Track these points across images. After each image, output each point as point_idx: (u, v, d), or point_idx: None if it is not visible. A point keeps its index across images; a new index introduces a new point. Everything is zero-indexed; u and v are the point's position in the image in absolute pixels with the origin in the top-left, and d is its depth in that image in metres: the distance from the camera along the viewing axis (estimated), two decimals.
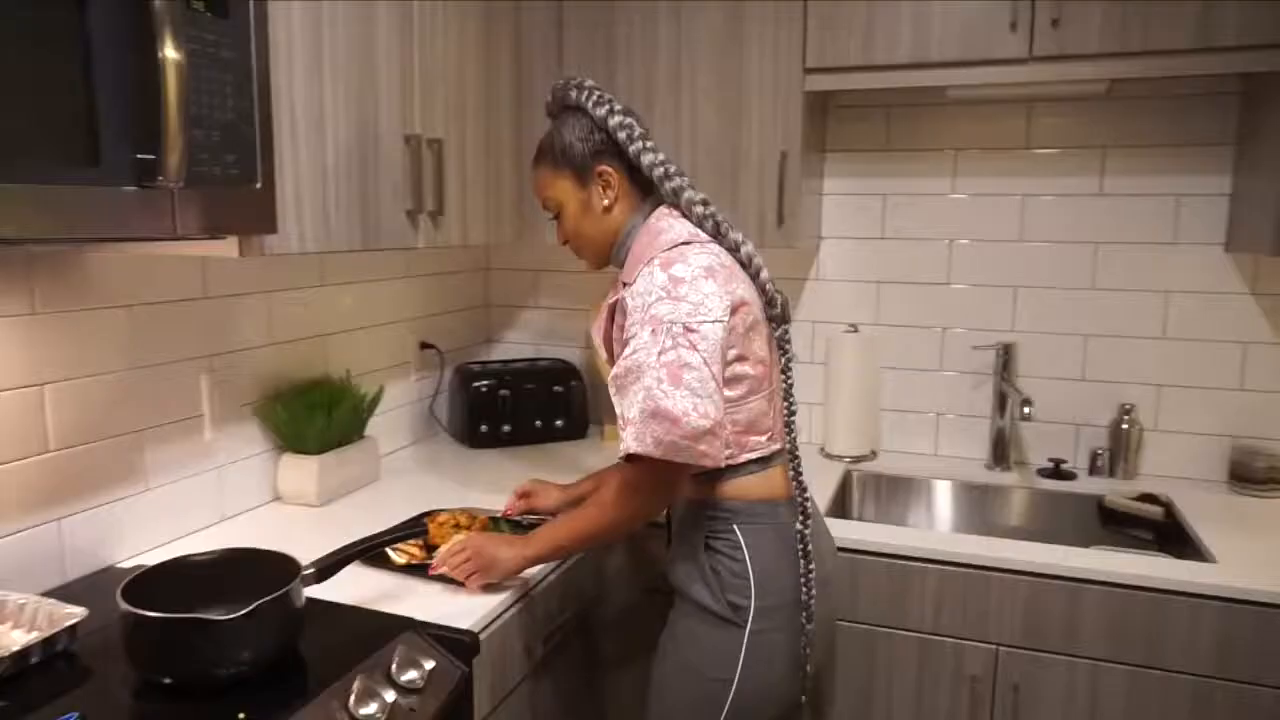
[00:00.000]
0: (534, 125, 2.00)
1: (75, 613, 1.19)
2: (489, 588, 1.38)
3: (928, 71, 1.85)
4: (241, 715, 1.02)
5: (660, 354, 1.20)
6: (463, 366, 2.36)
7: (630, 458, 1.24)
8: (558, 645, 1.59)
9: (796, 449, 1.35)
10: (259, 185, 1.19)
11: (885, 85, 1.88)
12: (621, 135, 1.35)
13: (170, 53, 1.00)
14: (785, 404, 1.37)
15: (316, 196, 1.41)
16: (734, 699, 1.28)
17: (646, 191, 1.41)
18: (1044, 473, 2.10)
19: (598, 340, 1.43)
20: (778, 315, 1.36)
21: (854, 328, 2.21)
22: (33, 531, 1.36)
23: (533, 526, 1.63)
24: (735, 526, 1.32)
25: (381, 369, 2.15)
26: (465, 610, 1.32)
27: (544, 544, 1.36)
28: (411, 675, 1.17)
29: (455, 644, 1.25)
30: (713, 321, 1.23)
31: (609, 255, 1.43)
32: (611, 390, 1.28)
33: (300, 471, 1.78)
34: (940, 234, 2.18)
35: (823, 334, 2.29)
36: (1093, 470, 2.09)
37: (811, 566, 1.32)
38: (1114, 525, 1.97)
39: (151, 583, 1.15)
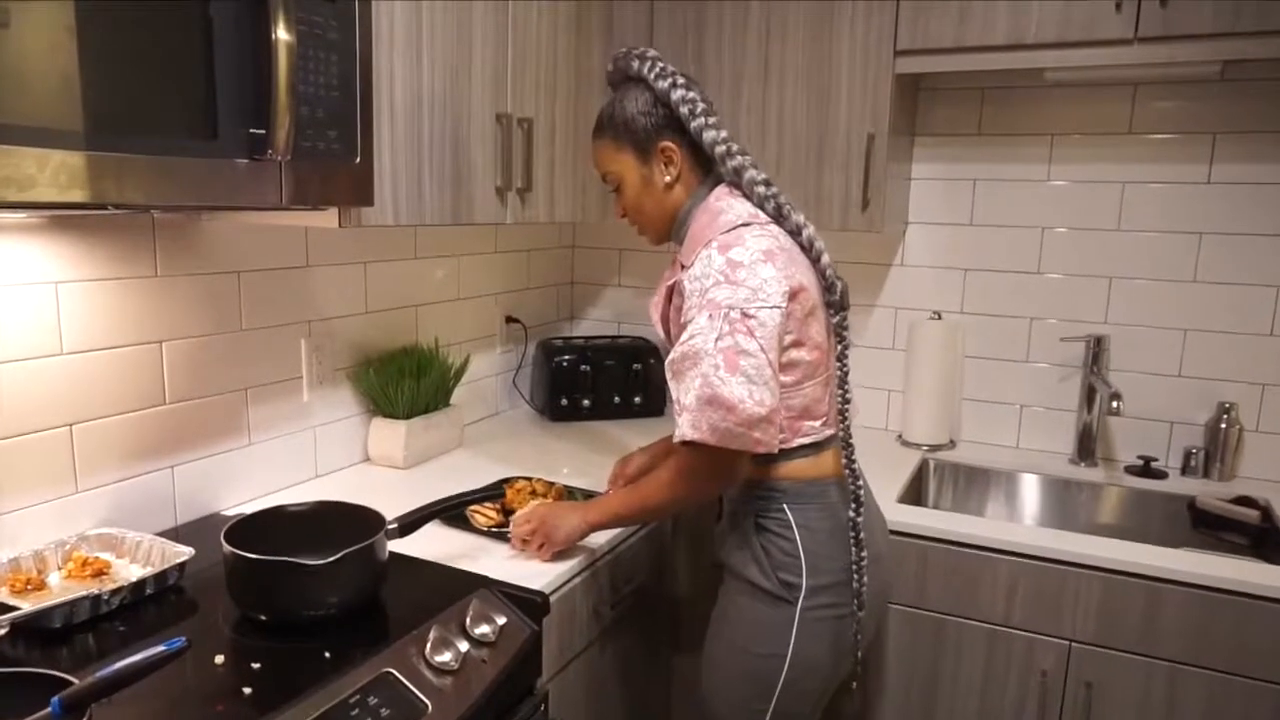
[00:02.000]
0: None
1: (184, 552, 1.30)
2: (558, 555, 1.43)
3: (1025, 53, 1.79)
4: (326, 654, 1.10)
5: (718, 339, 1.21)
6: (546, 341, 2.42)
7: (686, 443, 1.25)
8: (625, 614, 1.64)
9: (850, 436, 1.35)
10: (358, 160, 1.26)
11: (980, 68, 1.84)
12: (684, 110, 1.33)
13: (282, 34, 1.07)
14: (840, 391, 1.36)
15: (411, 171, 1.47)
16: (787, 674, 1.30)
17: (708, 169, 1.39)
18: (1132, 470, 2.03)
19: (655, 319, 1.43)
20: (836, 302, 1.35)
21: (937, 315, 2.18)
22: (149, 477, 1.48)
23: (600, 495, 1.68)
24: (785, 506, 1.33)
25: (468, 340, 2.23)
26: (537, 572, 1.38)
27: (603, 513, 1.41)
28: (484, 629, 1.23)
29: (526, 603, 1.31)
30: (770, 307, 1.22)
31: (669, 232, 1.42)
32: (668, 374, 1.29)
33: (388, 434, 1.87)
34: (1032, 221, 2.12)
35: (905, 320, 2.26)
36: (1185, 470, 2.02)
37: (864, 554, 1.32)
38: (1205, 528, 1.90)
39: (251, 528, 1.24)
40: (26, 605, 1.12)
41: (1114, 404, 1.84)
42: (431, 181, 1.52)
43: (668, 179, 1.37)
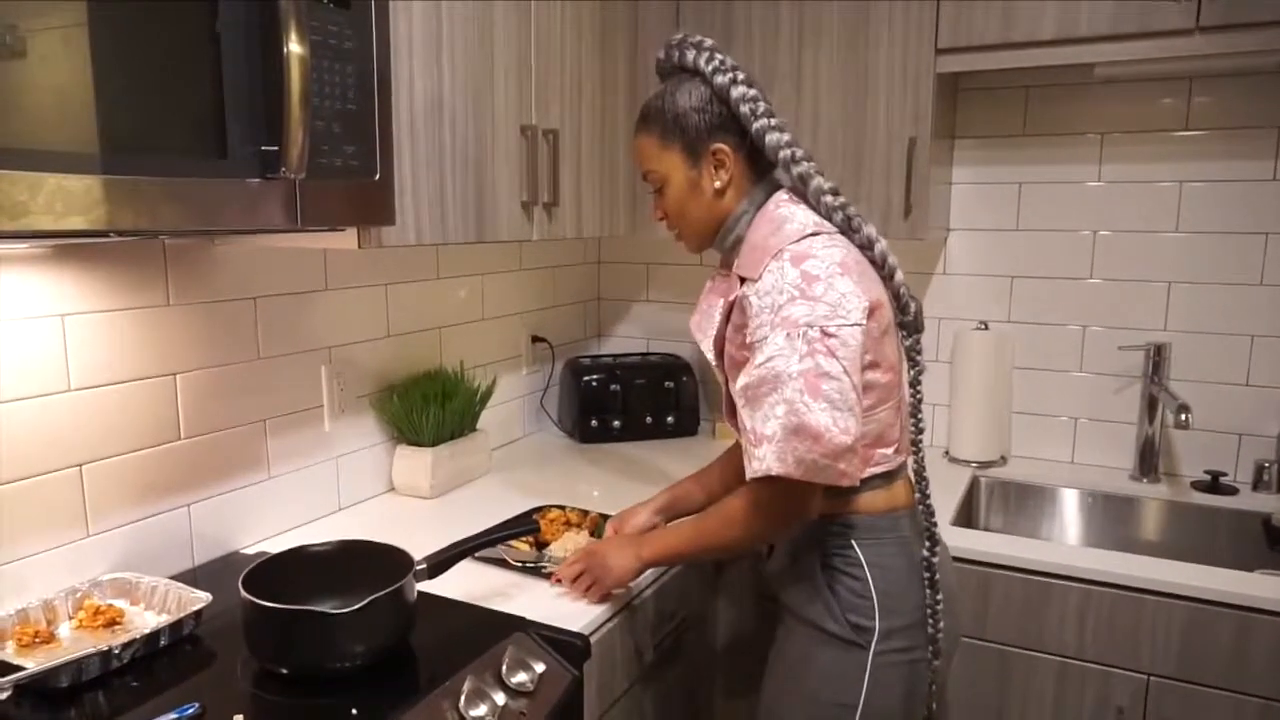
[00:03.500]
0: None
1: (201, 598, 1.22)
2: (606, 596, 1.33)
3: (1076, 48, 1.69)
4: (353, 711, 1.01)
5: (799, 361, 1.09)
6: (573, 361, 2.34)
7: (762, 477, 1.12)
8: (668, 652, 1.54)
9: (924, 469, 1.25)
10: (378, 176, 1.19)
11: (1028, 64, 1.74)
12: (744, 110, 1.21)
13: (295, 47, 0.99)
14: (913, 420, 1.26)
15: (433, 188, 1.40)
16: None
17: (762, 174, 1.27)
18: (1199, 486, 1.91)
19: (701, 338, 1.31)
20: (910, 323, 1.24)
21: (984, 325, 2.07)
22: (165, 517, 1.40)
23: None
24: (854, 542, 1.21)
25: (493, 362, 2.15)
26: (576, 612, 1.29)
27: (659, 550, 1.29)
28: (521, 678, 1.14)
29: (566, 646, 1.22)
30: (851, 325, 1.11)
31: (712, 240, 1.30)
32: (740, 401, 1.17)
33: (414, 463, 1.79)
34: (1083, 225, 2.02)
35: (949, 331, 2.15)
36: (1257, 485, 1.89)
37: (939, 596, 1.22)
38: None
39: (270, 572, 1.16)
40: (32, 664, 1.04)
41: (1182, 416, 1.72)
42: (454, 198, 1.44)
43: (717, 185, 1.25)
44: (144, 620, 1.22)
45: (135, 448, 1.34)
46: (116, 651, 1.09)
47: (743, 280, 1.21)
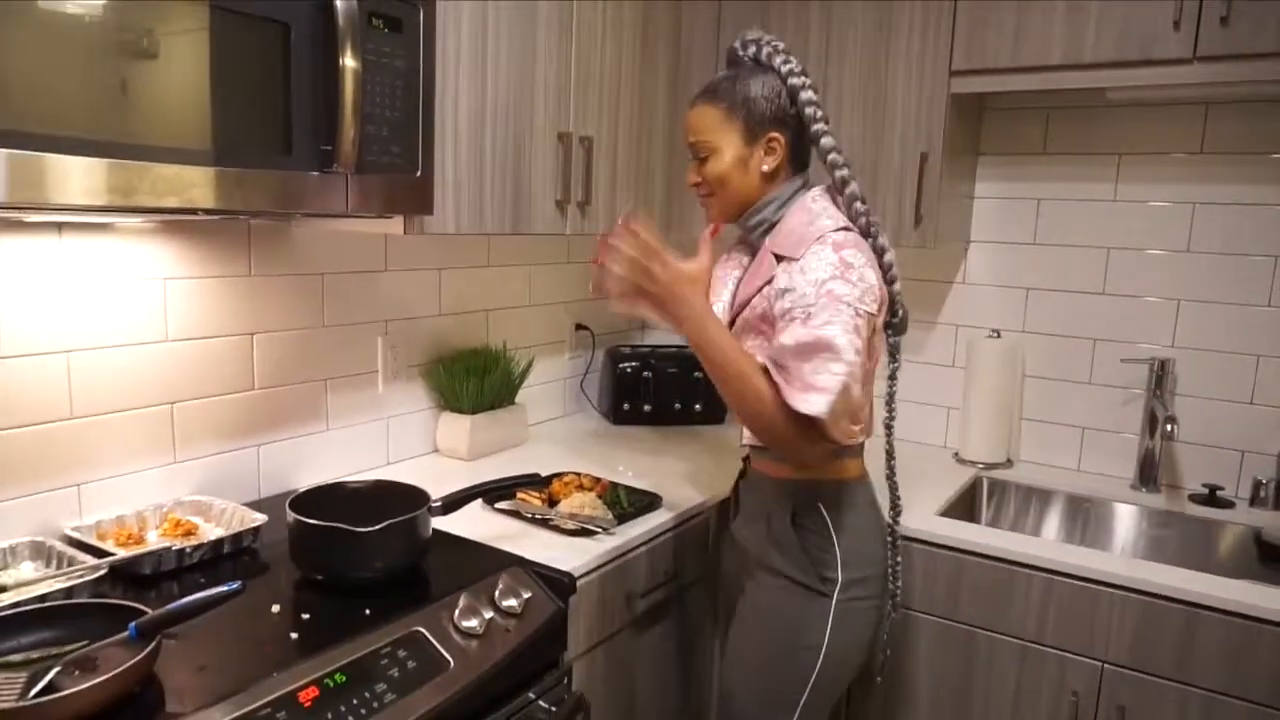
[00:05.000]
0: None
1: (259, 518, 1.47)
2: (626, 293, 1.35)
3: (1082, 73, 1.80)
4: (367, 611, 1.24)
5: (847, 331, 1.24)
6: (613, 348, 2.53)
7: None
8: (660, 606, 1.72)
9: (893, 450, 1.47)
10: (419, 173, 1.41)
11: (1034, 87, 1.85)
12: (809, 111, 1.37)
13: (349, 61, 1.22)
14: (888, 408, 1.45)
15: (473, 184, 1.61)
16: (822, 665, 1.37)
17: (798, 169, 1.43)
18: (1196, 499, 1.97)
19: (713, 300, 1.42)
20: (897, 324, 1.43)
21: (996, 333, 2.17)
22: (238, 453, 1.66)
23: (643, 492, 1.76)
24: (820, 505, 1.40)
25: (537, 345, 2.37)
26: (570, 556, 1.48)
27: (699, 327, 1.31)
28: (511, 602, 1.34)
29: (554, 582, 1.42)
30: (871, 313, 1.29)
31: (738, 215, 1.46)
32: (789, 354, 1.26)
33: (455, 428, 2.02)
34: (1098, 241, 2.10)
35: (965, 338, 2.26)
36: (1254, 501, 1.94)
37: (899, 558, 1.41)
38: (1274, 561, 1.83)
39: (314, 499, 1.39)
40: (123, 553, 1.30)
41: (1169, 428, 1.80)
42: (492, 194, 1.66)
43: (765, 168, 1.40)
44: (213, 534, 1.47)
45: (217, 393, 1.61)
46: (188, 551, 1.35)
47: (780, 258, 1.37)
